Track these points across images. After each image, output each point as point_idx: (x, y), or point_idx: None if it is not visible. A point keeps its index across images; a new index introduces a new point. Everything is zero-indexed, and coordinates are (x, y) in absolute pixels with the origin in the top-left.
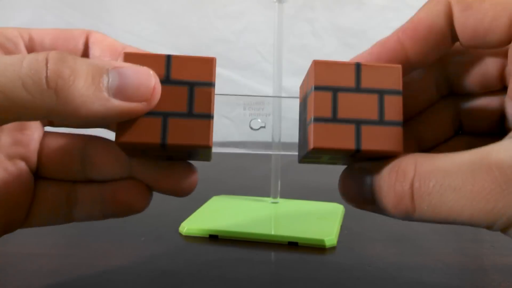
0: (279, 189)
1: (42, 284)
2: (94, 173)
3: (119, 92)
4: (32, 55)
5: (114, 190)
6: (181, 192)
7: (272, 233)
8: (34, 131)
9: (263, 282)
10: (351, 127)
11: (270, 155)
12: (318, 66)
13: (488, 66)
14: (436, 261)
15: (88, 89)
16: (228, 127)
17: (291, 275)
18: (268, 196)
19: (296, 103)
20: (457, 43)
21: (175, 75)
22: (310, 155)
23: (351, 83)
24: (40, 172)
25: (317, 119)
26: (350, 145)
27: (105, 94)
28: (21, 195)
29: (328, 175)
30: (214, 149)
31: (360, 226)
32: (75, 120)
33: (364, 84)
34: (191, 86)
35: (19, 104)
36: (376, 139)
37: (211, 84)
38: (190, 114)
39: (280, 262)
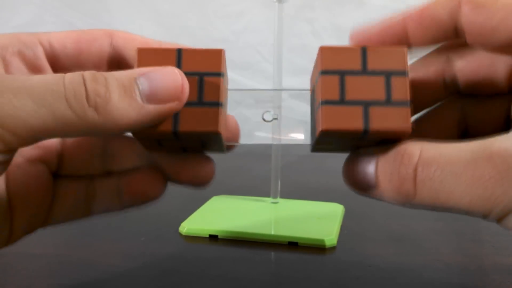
0: (279, 189)
1: (42, 284)
2: (114, 165)
3: (151, 97)
4: (70, 75)
5: (129, 180)
6: (199, 182)
7: (272, 233)
8: None
9: (263, 282)
10: (359, 109)
11: (269, 155)
12: (325, 51)
13: (497, 68)
14: (436, 261)
15: (123, 101)
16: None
17: (291, 275)
18: (268, 196)
19: (297, 104)
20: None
21: (186, 67)
22: (320, 139)
23: (358, 66)
24: (59, 171)
25: (325, 102)
26: (359, 125)
27: (139, 102)
28: (42, 197)
29: (328, 175)
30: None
31: (360, 226)
32: (115, 132)
33: (371, 66)
34: (201, 76)
35: (65, 123)
36: (384, 119)
37: (219, 74)
38: (200, 102)
39: (280, 262)
